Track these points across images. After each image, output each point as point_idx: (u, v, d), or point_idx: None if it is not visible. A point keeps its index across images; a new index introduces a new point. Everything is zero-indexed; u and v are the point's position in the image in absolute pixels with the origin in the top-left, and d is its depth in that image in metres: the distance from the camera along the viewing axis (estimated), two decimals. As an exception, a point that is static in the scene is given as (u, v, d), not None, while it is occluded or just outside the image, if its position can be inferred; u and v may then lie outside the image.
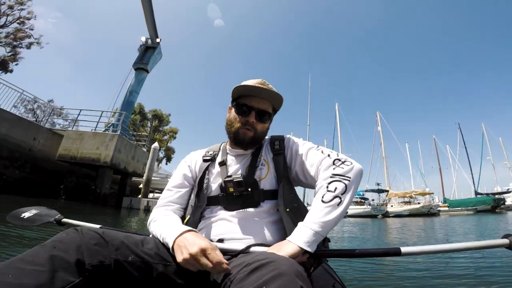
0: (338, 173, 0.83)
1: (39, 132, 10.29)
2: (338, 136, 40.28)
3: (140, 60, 14.75)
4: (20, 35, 15.92)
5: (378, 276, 2.31)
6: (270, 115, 1.01)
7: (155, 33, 15.23)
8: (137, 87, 14.43)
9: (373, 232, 8.33)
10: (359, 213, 26.22)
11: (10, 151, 9.19)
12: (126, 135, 12.06)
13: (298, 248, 0.69)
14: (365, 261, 2.72)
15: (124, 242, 0.68)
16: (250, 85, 0.95)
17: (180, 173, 1.04)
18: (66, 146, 10.47)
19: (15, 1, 15.13)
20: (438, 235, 6.98)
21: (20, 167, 9.55)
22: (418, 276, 2.30)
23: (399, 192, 31.98)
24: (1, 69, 16.22)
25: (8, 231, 3.03)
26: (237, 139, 0.98)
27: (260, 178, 0.94)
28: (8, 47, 16.04)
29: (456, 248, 0.71)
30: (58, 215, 1.16)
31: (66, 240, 0.61)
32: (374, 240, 6.04)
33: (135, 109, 30.73)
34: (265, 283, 0.49)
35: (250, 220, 0.87)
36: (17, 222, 1.13)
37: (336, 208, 0.77)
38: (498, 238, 0.72)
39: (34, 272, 0.51)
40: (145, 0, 13.56)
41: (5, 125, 8.96)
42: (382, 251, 0.73)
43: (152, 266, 0.69)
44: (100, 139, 10.58)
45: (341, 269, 2.45)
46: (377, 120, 39.93)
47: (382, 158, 38.46)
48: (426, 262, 2.76)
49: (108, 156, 10.27)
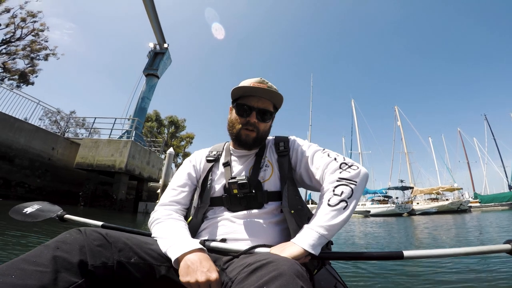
0: (344, 177, 0.83)
1: (57, 142, 10.62)
2: (356, 132, 39.19)
3: (150, 66, 14.89)
4: (36, 47, 16.57)
5: (380, 279, 2.31)
6: (272, 114, 0.99)
7: (162, 39, 15.33)
8: (149, 93, 14.57)
9: (399, 231, 7.74)
10: (383, 212, 25.38)
11: (31, 161, 9.51)
12: (140, 141, 12.18)
13: (303, 250, 0.70)
14: (367, 263, 2.73)
15: (127, 243, 0.68)
16: (249, 86, 0.93)
17: (184, 172, 1.02)
18: (83, 154, 10.72)
19: (27, 14, 15.73)
20: (476, 234, 6.26)
21: (40, 176, 9.85)
22: (420, 279, 2.30)
23: (425, 188, 30.51)
24: (23, 82, 16.95)
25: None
26: (240, 141, 0.97)
27: (264, 180, 0.93)
28: (26, 60, 16.74)
29: (458, 253, 0.71)
30: (61, 211, 1.15)
31: (69, 241, 0.61)
32: (401, 241, 5.64)
33: (151, 116, 31.44)
34: (265, 283, 0.50)
35: (253, 221, 0.86)
36: (19, 218, 1.11)
37: (342, 212, 0.77)
38: (500, 244, 0.73)
39: (37, 273, 0.52)
40: (149, 7, 13.71)
41: (24, 135, 9.29)
42: (384, 255, 0.73)
43: (154, 268, 0.69)
44: (115, 146, 10.73)
45: (344, 271, 2.49)
46: (396, 115, 38.47)
47: (404, 153, 36.94)
48: (428, 266, 2.73)
49: (122, 162, 10.38)
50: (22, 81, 16.92)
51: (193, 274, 0.63)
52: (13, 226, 3.46)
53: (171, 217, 0.88)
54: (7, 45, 15.68)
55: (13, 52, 16.10)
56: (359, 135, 38.80)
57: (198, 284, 0.61)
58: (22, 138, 9.22)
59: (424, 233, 6.92)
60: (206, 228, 0.90)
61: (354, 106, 39.59)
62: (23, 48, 16.27)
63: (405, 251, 0.71)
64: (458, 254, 0.71)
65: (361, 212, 25.80)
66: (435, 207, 24.86)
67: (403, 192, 29.68)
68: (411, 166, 35.34)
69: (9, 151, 8.77)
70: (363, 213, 25.29)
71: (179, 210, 0.94)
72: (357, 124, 38.89)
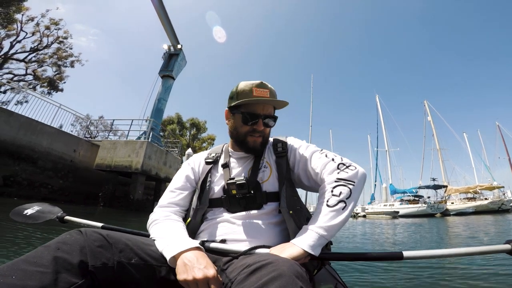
0: (343, 177, 0.83)
1: (78, 144, 10.92)
2: (383, 129, 37.34)
3: (165, 68, 14.98)
4: (62, 54, 17.36)
5: (380, 279, 2.29)
6: (275, 118, 0.99)
7: (175, 40, 15.37)
8: (165, 94, 14.68)
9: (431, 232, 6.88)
10: (413, 213, 23.90)
11: (53, 163, 9.83)
12: (157, 142, 12.27)
13: (303, 251, 0.70)
14: (367, 264, 2.71)
15: (128, 244, 0.68)
16: (255, 97, 0.92)
17: (183, 174, 1.02)
18: (102, 155, 10.99)
19: (50, 22, 16.48)
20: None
21: (63, 177, 10.16)
22: (420, 280, 2.27)
23: (460, 187, 28.25)
24: (52, 89, 17.85)
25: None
26: (248, 148, 0.97)
27: (263, 180, 0.94)
28: (54, 67, 17.58)
29: (458, 253, 0.72)
30: (61, 213, 1.15)
31: (69, 242, 0.61)
32: (434, 243, 5.33)
33: (173, 119, 32.15)
34: (265, 284, 0.50)
35: (252, 222, 0.86)
36: (19, 220, 1.10)
37: (341, 213, 0.77)
38: (500, 244, 0.73)
39: (38, 274, 0.52)
40: (159, 9, 13.76)
41: (46, 138, 9.61)
42: (384, 255, 0.74)
43: (155, 268, 0.69)
44: (131, 146, 10.88)
45: (344, 271, 2.47)
46: (426, 110, 36.07)
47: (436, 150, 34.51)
48: (428, 266, 2.72)
49: (138, 162, 10.49)
50: (52, 88, 17.88)
51: (190, 271, 0.62)
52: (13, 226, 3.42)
53: (169, 218, 0.88)
54: (36, 53, 16.56)
55: (42, 60, 16.97)
56: (385, 132, 36.85)
57: (196, 281, 0.61)
58: (45, 140, 9.55)
59: (462, 235, 6.06)
60: (205, 229, 0.90)
61: (379, 101, 37.73)
62: (50, 55, 17.11)
63: (405, 252, 0.72)
64: (458, 255, 0.72)
65: (389, 212, 24.38)
66: (473, 207, 23.02)
67: (435, 191, 27.75)
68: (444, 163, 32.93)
69: (32, 154, 9.10)
70: (391, 214, 23.84)
71: (177, 211, 0.94)
72: (383, 120, 36.96)
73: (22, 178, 8.76)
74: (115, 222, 0.98)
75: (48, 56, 17.04)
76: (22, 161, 8.78)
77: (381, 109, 37.29)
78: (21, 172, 8.73)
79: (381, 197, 35.45)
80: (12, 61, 16.05)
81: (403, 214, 24.07)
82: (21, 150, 8.75)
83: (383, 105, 37.86)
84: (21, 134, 8.77)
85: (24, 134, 8.85)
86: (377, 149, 38.04)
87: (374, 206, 31.40)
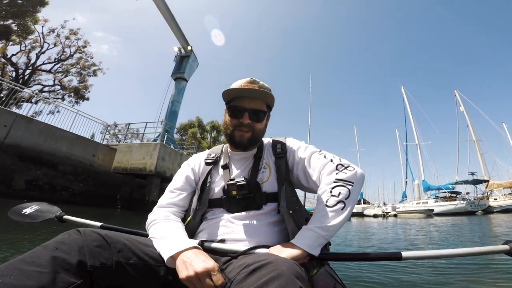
0: (341, 178, 0.84)
1: (97, 149, 11.24)
2: (411, 122, 35.03)
3: (177, 70, 15.07)
4: (84, 63, 18.07)
5: (379, 280, 2.29)
6: (265, 113, 0.99)
7: (185, 41, 15.39)
8: (178, 96, 14.76)
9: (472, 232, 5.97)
10: (450, 210, 21.95)
11: (73, 167, 10.17)
12: (171, 144, 12.32)
13: (302, 251, 0.71)
14: (366, 264, 2.73)
15: (127, 244, 0.68)
16: (239, 88, 0.95)
17: (182, 175, 1.03)
18: (119, 159, 11.20)
19: (69, 32, 17.19)
20: None
21: (83, 181, 10.48)
22: (419, 280, 2.28)
23: (504, 181, 25.47)
24: (79, 98, 18.66)
25: None
26: (234, 142, 0.98)
27: (262, 181, 0.94)
28: (79, 76, 18.34)
29: (457, 253, 0.72)
30: (60, 212, 1.16)
31: (68, 241, 0.61)
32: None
33: (194, 123, 32.77)
34: (264, 283, 0.50)
35: (252, 222, 0.87)
36: (18, 219, 1.11)
37: (340, 213, 0.78)
38: (499, 244, 0.73)
39: (36, 273, 0.52)
40: (165, 12, 13.79)
41: (66, 143, 9.95)
42: (383, 255, 0.75)
43: (154, 268, 0.69)
44: (145, 149, 10.98)
45: (343, 271, 2.48)
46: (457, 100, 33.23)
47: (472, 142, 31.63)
48: (427, 266, 2.73)
49: (152, 164, 10.54)
50: (78, 97, 18.80)
51: (190, 267, 0.62)
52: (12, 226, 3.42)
53: (168, 218, 0.88)
54: (60, 63, 17.44)
55: (66, 70, 17.81)
56: (414, 125, 34.48)
57: (197, 275, 0.60)
58: (64, 146, 9.89)
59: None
60: (204, 229, 0.90)
61: (405, 93, 35.46)
62: (73, 65, 17.92)
63: (404, 252, 0.72)
64: (457, 255, 0.73)
65: (423, 211, 22.58)
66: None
67: (475, 187, 25.31)
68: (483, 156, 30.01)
69: (53, 159, 9.46)
70: (425, 212, 22.03)
71: (176, 212, 0.94)
72: (411, 113, 34.61)
73: (43, 182, 9.13)
74: (131, 224, 0.87)
75: (72, 66, 17.84)
76: (43, 166, 9.14)
77: (408, 100, 34.96)
78: (42, 177, 9.09)
79: (413, 194, 33.16)
80: (40, 72, 17.03)
81: (439, 212, 22.23)
82: (42, 155, 9.10)
83: (409, 97, 35.51)
84: (41, 140, 9.13)
85: (44, 140, 9.21)
86: (407, 143, 35.72)
87: (406, 204, 29.45)
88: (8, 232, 3.21)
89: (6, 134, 8.16)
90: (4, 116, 8.17)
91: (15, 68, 15.49)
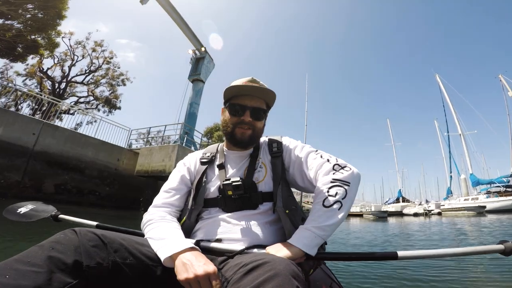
0: (338, 178, 0.84)
1: (122, 153, 11.68)
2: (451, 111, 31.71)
3: (194, 72, 15.16)
4: (113, 73, 19.07)
5: (375, 279, 2.28)
6: (265, 112, 1.00)
7: (198, 43, 15.44)
8: (196, 98, 14.83)
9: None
10: (506, 207, 19.14)
11: (99, 171, 10.64)
12: (191, 146, 12.38)
13: (299, 251, 0.72)
14: (362, 263, 2.69)
15: (123, 244, 0.68)
16: (242, 85, 0.95)
17: (177, 175, 1.03)
18: (141, 162, 11.50)
19: (95, 44, 18.22)
20: None
21: (109, 184, 10.92)
22: (415, 279, 2.28)
23: None
24: (111, 108, 19.75)
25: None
26: (235, 140, 0.98)
27: (258, 181, 0.94)
28: (108, 87, 19.43)
29: (452, 253, 0.73)
30: (55, 211, 1.17)
31: (64, 241, 0.60)
32: None
33: (218, 126, 33.44)
34: (261, 283, 0.50)
35: (248, 221, 0.87)
36: (13, 218, 1.11)
37: (337, 213, 0.78)
38: (494, 244, 0.74)
39: (32, 273, 0.51)
40: (174, 15, 13.89)
41: (91, 149, 10.44)
42: (379, 255, 0.75)
43: (150, 268, 0.69)
44: (165, 151, 11.12)
45: (339, 271, 2.46)
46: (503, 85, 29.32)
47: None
48: (423, 265, 2.69)
49: (171, 166, 10.60)
50: (111, 107, 19.96)
51: (190, 269, 0.62)
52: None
53: (164, 218, 0.87)
54: (92, 74, 18.61)
55: (96, 81, 18.94)
56: (455, 114, 31.13)
57: (197, 278, 0.60)
58: (90, 151, 10.40)
59: None
60: (200, 228, 0.90)
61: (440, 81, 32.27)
62: (103, 76, 19.00)
63: (400, 252, 0.72)
64: (453, 255, 0.73)
65: (472, 208, 20.02)
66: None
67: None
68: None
69: (79, 164, 9.97)
70: (475, 210, 19.49)
71: (172, 212, 0.93)
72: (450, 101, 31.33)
73: (71, 186, 9.63)
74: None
75: (101, 77, 18.93)
76: (71, 171, 9.65)
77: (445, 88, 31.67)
78: (70, 181, 9.60)
79: (460, 190, 29.80)
80: (75, 84, 18.32)
81: (492, 209, 19.58)
82: (69, 161, 9.61)
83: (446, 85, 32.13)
84: (68, 146, 9.65)
85: (70, 147, 9.73)
86: (448, 134, 32.30)
87: (452, 201, 26.53)
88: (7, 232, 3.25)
89: (35, 141, 8.74)
90: (31, 124, 8.77)
91: (51, 82, 16.91)
